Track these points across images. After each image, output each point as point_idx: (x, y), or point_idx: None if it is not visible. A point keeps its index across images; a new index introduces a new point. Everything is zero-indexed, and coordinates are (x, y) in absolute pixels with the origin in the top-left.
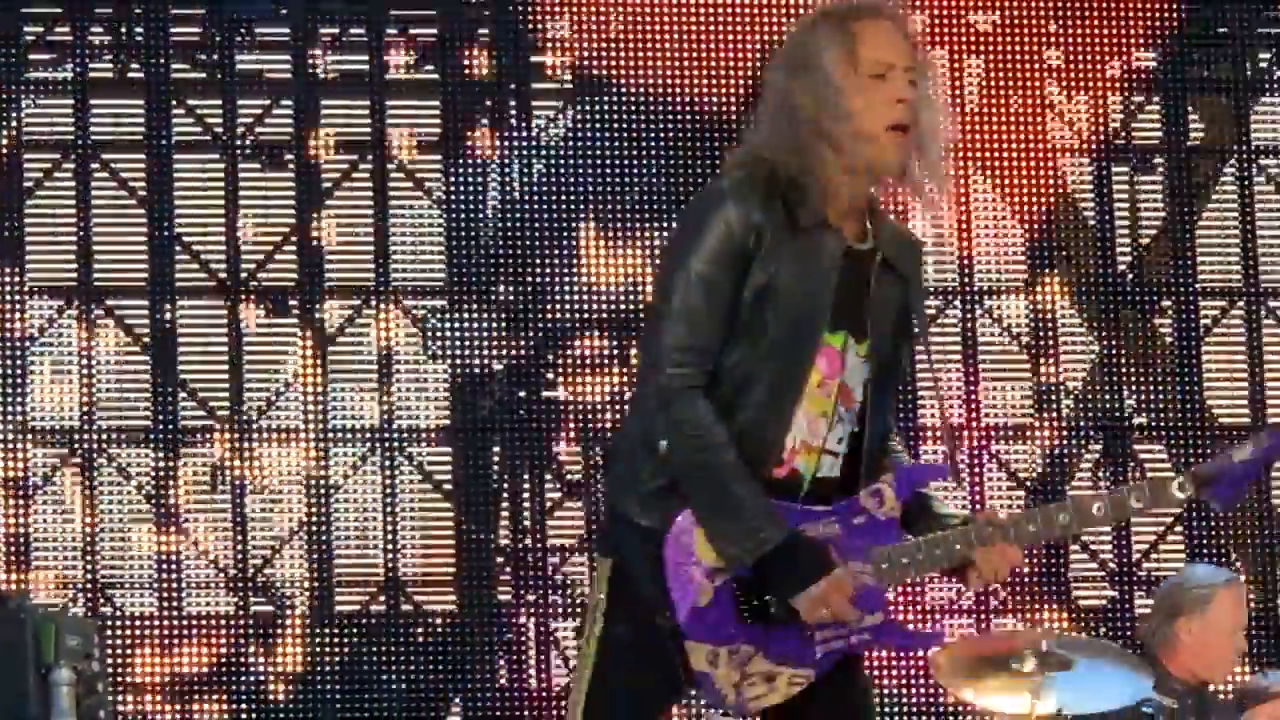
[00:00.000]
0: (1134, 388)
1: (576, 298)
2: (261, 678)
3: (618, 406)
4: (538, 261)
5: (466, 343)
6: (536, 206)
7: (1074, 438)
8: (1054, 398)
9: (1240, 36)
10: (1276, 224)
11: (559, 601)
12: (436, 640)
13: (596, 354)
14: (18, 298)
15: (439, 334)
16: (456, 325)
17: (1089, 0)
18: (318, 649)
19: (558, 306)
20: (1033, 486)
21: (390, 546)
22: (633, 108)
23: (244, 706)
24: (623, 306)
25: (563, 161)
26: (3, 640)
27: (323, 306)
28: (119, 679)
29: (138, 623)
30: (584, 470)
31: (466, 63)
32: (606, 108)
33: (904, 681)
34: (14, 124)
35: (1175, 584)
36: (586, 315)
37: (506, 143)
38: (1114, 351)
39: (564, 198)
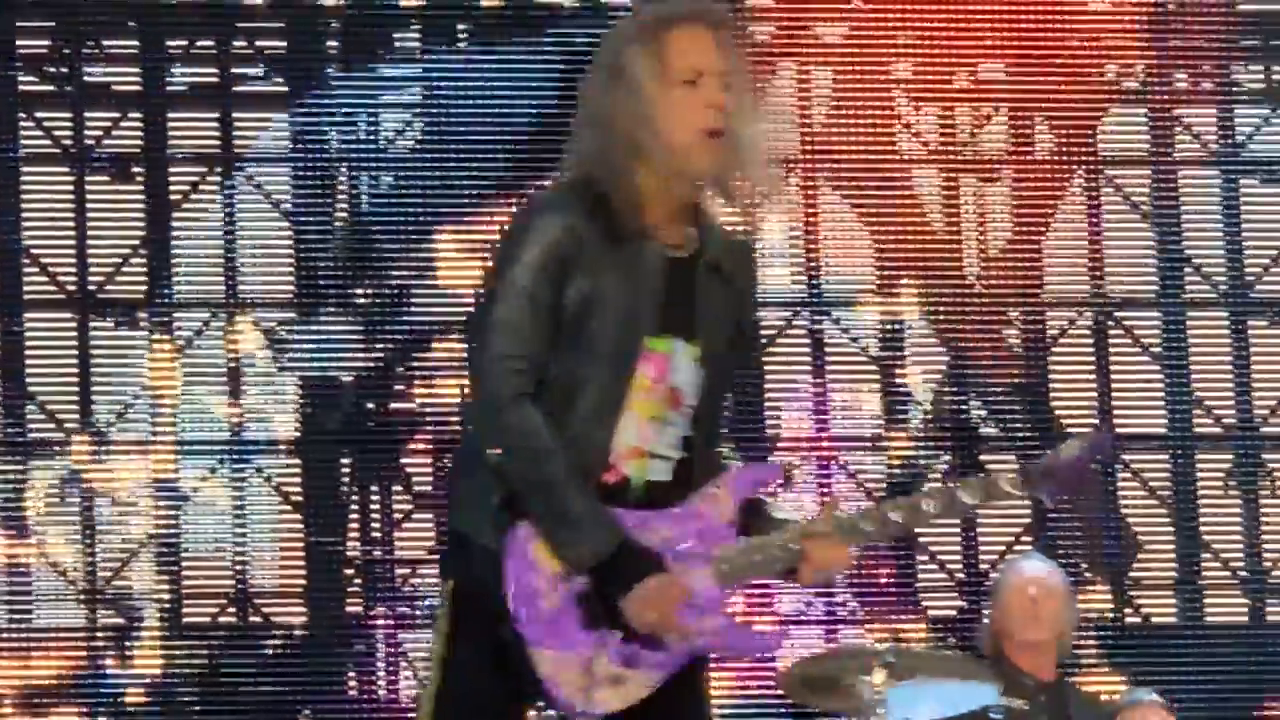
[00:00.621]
0: (982, 399)
1: (426, 308)
2: (108, 689)
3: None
4: (387, 273)
5: (316, 355)
6: (385, 217)
7: (923, 448)
8: (903, 408)
9: (1089, 48)
10: (1124, 236)
11: (409, 613)
12: (286, 652)
13: (445, 364)
14: None
15: (288, 346)
16: (306, 337)
17: (937, 13)
18: (167, 661)
19: (406, 318)
20: (882, 497)
21: (240, 558)
22: (481, 118)
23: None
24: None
25: (411, 173)
26: None
27: (172, 319)
28: None
29: None
30: (434, 481)
31: (315, 75)
32: (455, 119)
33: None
34: None
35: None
36: (435, 326)
37: (355, 155)
38: (962, 362)
39: (412, 208)
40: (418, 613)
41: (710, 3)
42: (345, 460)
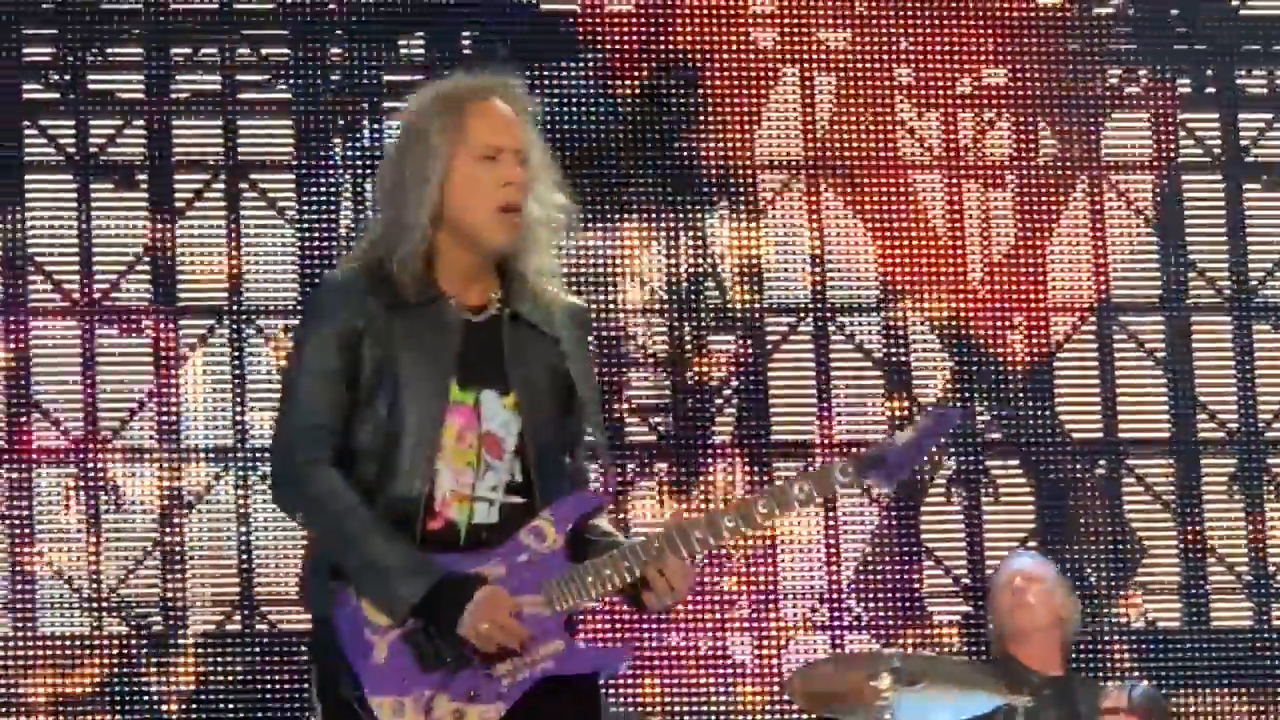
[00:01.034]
0: (987, 404)
1: None
2: (116, 697)
3: None
4: None
5: None
6: None
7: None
8: (907, 415)
9: (1091, 53)
10: (1127, 240)
11: None
12: (291, 659)
13: None
14: None
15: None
16: None
17: (940, 18)
18: (173, 668)
19: None
20: (886, 504)
21: (245, 565)
22: None
23: None
24: None
25: None
26: None
27: (177, 325)
28: None
29: None
30: None
31: (319, 82)
32: None
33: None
34: None
35: None
36: None
37: (359, 162)
38: (966, 368)
39: None
40: None
41: (509, 78)
42: None
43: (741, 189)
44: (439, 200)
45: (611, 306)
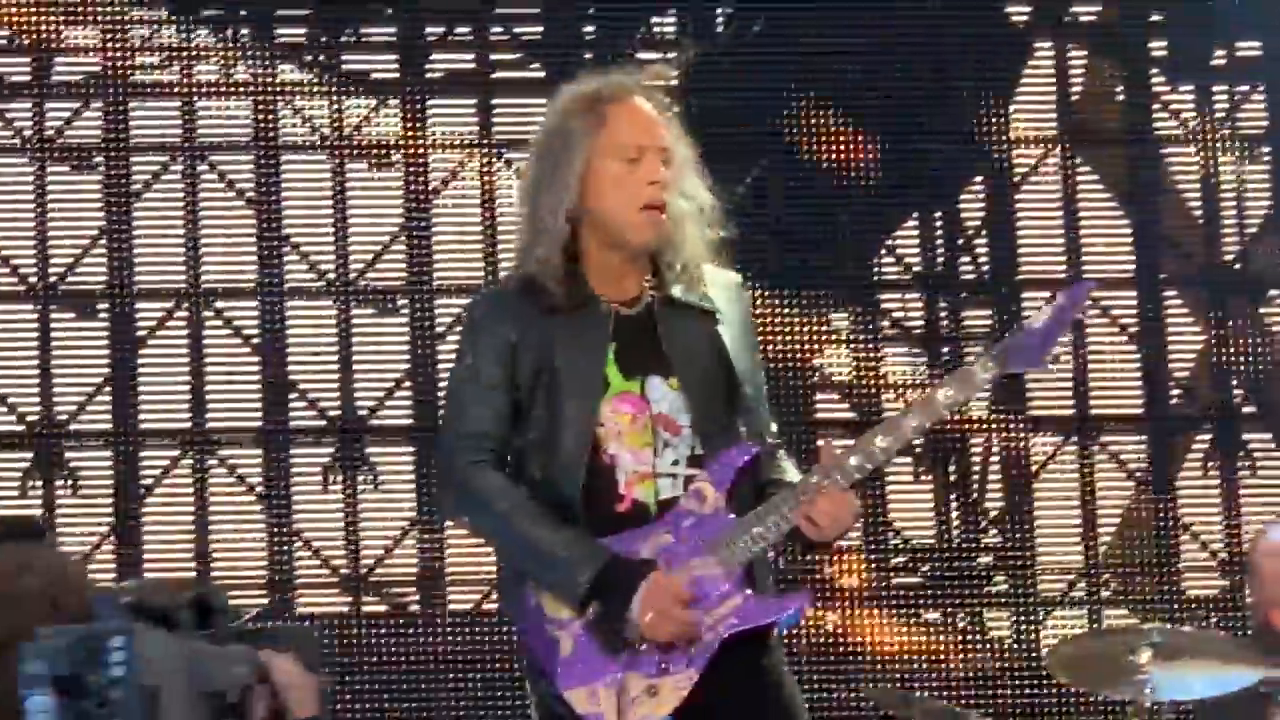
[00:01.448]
0: (1242, 377)
1: None
2: (366, 679)
3: None
4: None
5: None
6: None
7: (1183, 427)
8: (1162, 388)
9: None
10: None
11: None
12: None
13: None
14: (126, 296)
15: None
16: None
17: None
18: (431, 648)
19: None
20: (1142, 477)
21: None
22: (741, 103)
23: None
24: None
25: None
26: None
27: (432, 305)
28: None
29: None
30: None
31: (571, 60)
32: (711, 106)
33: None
34: (124, 126)
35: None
36: None
37: None
38: (1222, 341)
39: None
40: None
41: (651, 72)
42: None
43: (997, 162)
44: (579, 202)
45: (868, 283)
